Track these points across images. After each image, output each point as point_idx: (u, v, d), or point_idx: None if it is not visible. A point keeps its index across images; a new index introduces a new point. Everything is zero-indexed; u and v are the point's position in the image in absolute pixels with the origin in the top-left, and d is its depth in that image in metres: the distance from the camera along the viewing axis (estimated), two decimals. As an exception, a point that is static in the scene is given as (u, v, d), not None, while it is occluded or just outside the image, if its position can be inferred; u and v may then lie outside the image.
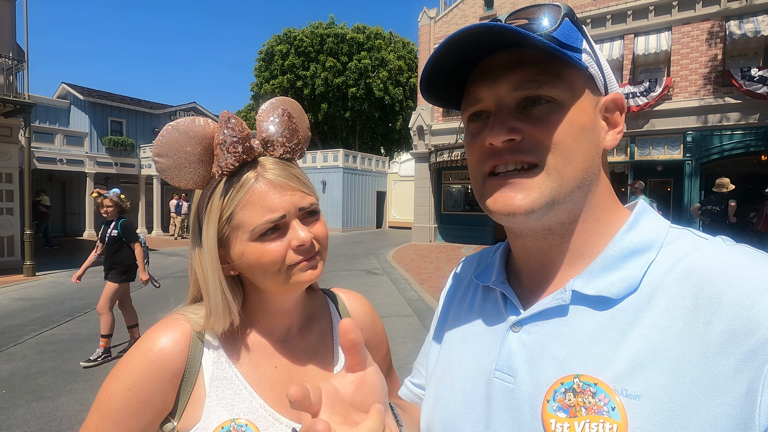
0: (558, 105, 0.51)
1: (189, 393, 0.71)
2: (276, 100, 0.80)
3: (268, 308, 0.79)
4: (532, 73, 0.51)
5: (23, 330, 5.84)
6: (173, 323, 0.74)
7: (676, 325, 0.44)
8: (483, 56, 0.55)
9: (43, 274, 9.84)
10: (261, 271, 0.71)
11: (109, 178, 20.19)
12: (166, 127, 0.70)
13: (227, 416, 0.70)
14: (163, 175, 0.71)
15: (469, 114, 0.57)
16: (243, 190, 0.69)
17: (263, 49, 30.20)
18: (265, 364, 0.77)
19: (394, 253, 13.59)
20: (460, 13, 16.07)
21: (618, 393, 0.44)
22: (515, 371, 0.53)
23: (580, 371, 0.48)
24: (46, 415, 3.56)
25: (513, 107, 0.52)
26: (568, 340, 0.50)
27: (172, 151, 0.70)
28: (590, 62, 0.54)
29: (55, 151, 17.41)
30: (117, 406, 0.68)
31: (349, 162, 22.68)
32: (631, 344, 0.46)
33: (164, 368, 0.70)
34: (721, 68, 11.74)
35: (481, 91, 0.54)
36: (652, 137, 12.72)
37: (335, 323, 0.89)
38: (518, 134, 0.51)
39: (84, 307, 7.01)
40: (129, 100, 21.60)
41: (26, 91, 10.24)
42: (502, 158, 0.52)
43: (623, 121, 0.58)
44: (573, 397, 0.47)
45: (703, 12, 11.93)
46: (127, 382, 0.68)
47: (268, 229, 0.69)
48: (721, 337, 0.41)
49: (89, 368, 4.44)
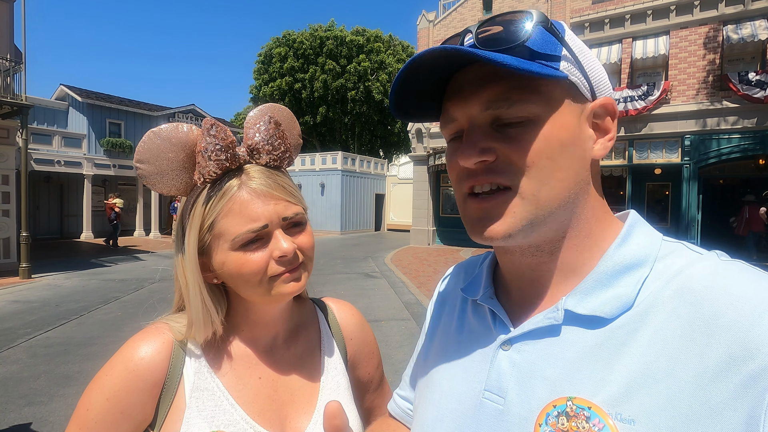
0: (533, 123, 0.48)
1: (169, 404, 0.69)
2: (265, 106, 0.79)
3: (252, 318, 0.78)
4: (503, 90, 0.48)
5: (17, 333, 5.79)
6: (155, 332, 0.72)
7: (672, 345, 0.43)
8: (457, 70, 0.53)
9: (39, 277, 9.79)
10: (242, 281, 0.70)
11: (107, 180, 20.16)
12: (148, 134, 0.69)
13: (207, 428, 0.68)
14: (145, 181, 0.70)
15: (448, 134, 0.56)
16: (225, 198, 0.68)
17: (262, 52, 30.31)
18: (248, 375, 0.75)
19: (392, 256, 13.58)
20: (458, 16, 16.13)
21: (612, 417, 0.43)
22: (505, 392, 0.51)
23: (573, 393, 0.46)
24: (38, 420, 3.52)
25: (487, 126, 0.50)
26: (560, 361, 0.48)
27: (154, 157, 0.69)
28: (570, 69, 0.50)
29: (53, 153, 17.35)
30: (95, 416, 0.66)
31: (347, 164, 22.70)
32: (626, 365, 0.44)
33: (144, 378, 0.68)
34: (718, 72, 11.80)
35: (454, 111, 0.52)
36: (651, 141, 12.76)
37: (324, 334, 0.87)
38: (491, 155, 0.49)
39: (79, 310, 6.96)
40: (128, 102, 21.58)
41: (24, 92, 10.21)
42: (477, 179, 0.50)
43: (615, 127, 0.54)
44: (566, 422, 0.45)
45: (700, 16, 12.00)
46: (106, 392, 0.67)
47: (250, 239, 0.68)
48: (718, 361, 0.39)
49: (82, 373, 4.39)
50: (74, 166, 17.86)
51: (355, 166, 23.33)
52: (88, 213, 18.30)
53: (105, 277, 10.01)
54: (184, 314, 0.75)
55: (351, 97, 28.48)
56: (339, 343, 0.88)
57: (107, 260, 12.48)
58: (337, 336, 0.88)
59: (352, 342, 0.90)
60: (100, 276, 10.10)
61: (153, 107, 22.43)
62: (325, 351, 0.85)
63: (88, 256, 13.52)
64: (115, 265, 11.76)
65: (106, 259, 12.62)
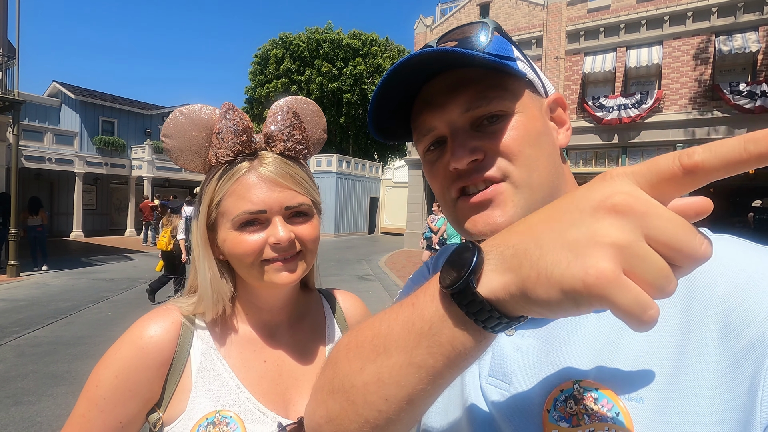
0: (509, 116, 0.52)
1: (176, 383, 0.71)
2: (290, 98, 0.82)
3: (257, 303, 0.80)
4: (479, 91, 0.52)
5: (4, 332, 5.68)
6: (164, 312, 0.74)
7: (672, 321, 0.43)
8: (419, 86, 0.55)
9: (28, 275, 9.65)
10: (236, 260, 0.73)
11: (99, 178, 19.96)
12: (175, 111, 0.74)
13: (212, 407, 0.70)
14: (169, 155, 0.75)
15: (425, 145, 0.57)
16: (233, 179, 0.71)
17: (258, 53, 30.26)
18: (253, 358, 0.78)
19: (386, 259, 13.57)
20: (456, 22, 16.23)
21: (621, 397, 0.43)
22: (510, 377, 0.51)
23: (580, 377, 0.46)
24: (25, 420, 3.45)
25: (468, 128, 0.53)
26: (565, 345, 0.49)
27: (177, 133, 0.73)
28: (526, 69, 0.55)
29: (44, 150, 17.14)
30: (104, 393, 0.68)
31: (342, 167, 22.67)
32: (629, 344, 0.44)
33: (152, 356, 0.70)
34: (710, 82, 11.98)
35: (431, 120, 0.54)
36: (643, 149, 12.90)
37: (328, 323, 0.90)
38: (480, 153, 0.51)
39: (68, 309, 6.87)
40: (121, 100, 21.41)
41: (16, 88, 10.09)
42: (470, 179, 0.52)
43: (568, 117, 0.60)
44: (574, 405, 0.45)
45: (693, 27, 12.19)
46: (115, 369, 0.69)
47: (246, 220, 0.70)
48: (717, 331, 0.40)
49: (71, 373, 4.35)
50: (65, 164, 17.65)
51: (349, 169, 23.31)
52: (79, 211, 18.07)
53: (95, 276, 9.88)
54: (194, 296, 0.78)
55: (347, 100, 28.49)
56: (343, 332, 0.90)
57: (97, 259, 12.33)
58: (341, 325, 0.91)
59: None
60: (90, 275, 9.97)
61: (147, 106, 22.29)
62: (329, 339, 0.88)
63: (78, 255, 13.35)
64: (106, 264, 11.62)
65: (96, 258, 12.48)
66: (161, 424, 0.70)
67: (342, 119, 29.36)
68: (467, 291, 0.34)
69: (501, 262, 0.33)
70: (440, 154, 0.55)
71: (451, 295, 0.35)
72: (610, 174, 0.30)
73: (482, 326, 0.35)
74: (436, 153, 0.56)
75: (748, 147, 0.25)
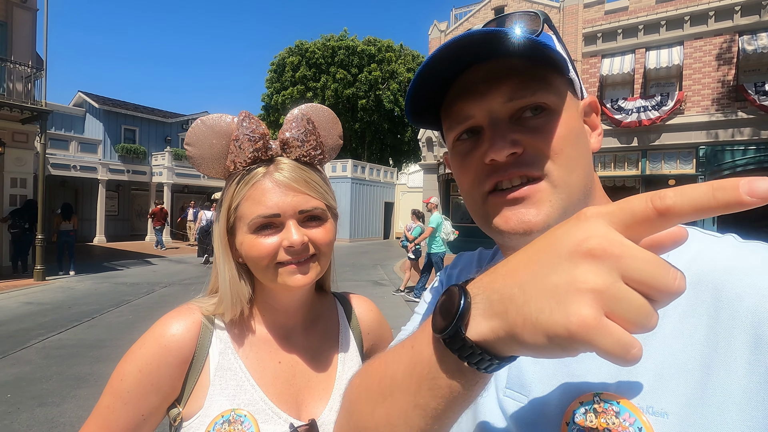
0: (552, 112, 0.50)
1: (195, 380, 0.74)
2: (306, 106, 0.83)
3: (273, 305, 0.82)
4: (523, 81, 0.49)
5: (30, 334, 5.86)
6: (186, 312, 0.78)
7: (699, 333, 0.42)
8: (456, 74, 0.52)
9: (53, 279, 9.94)
10: (252, 263, 0.75)
11: (121, 185, 20.48)
12: (197, 121, 0.77)
13: (228, 406, 0.72)
14: (192, 162, 0.78)
15: (457, 133, 0.54)
16: (250, 184, 0.74)
17: (275, 61, 30.70)
18: (268, 359, 0.80)
19: (402, 264, 13.52)
20: (470, 27, 16.17)
21: (644, 411, 0.41)
22: (528, 389, 0.50)
23: (600, 389, 0.44)
24: (49, 421, 3.54)
25: (507, 120, 0.50)
26: (584, 356, 0.47)
27: (199, 142, 0.76)
28: (570, 67, 0.54)
29: (69, 158, 17.69)
30: (128, 386, 0.71)
31: (357, 172, 22.77)
32: (652, 356, 0.43)
33: (174, 354, 0.73)
34: (734, 83, 11.65)
35: (469, 108, 0.52)
36: (664, 152, 12.61)
37: (342, 326, 0.91)
38: (519, 147, 0.49)
39: (91, 312, 7.04)
40: (142, 108, 21.98)
41: (44, 98, 10.45)
42: (506, 173, 0.50)
43: (600, 122, 0.58)
44: (595, 418, 0.43)
45: (715, 27, 11.89)
46: (139, 364, 0.72)
47: (261, 224, 0.73)
48: (747, 344, 0.39)
49: (93, 375, 4.45)
50: (89, 171, 18.18)
51: (364, 174, 23.39)
52: (102, 217, 18.55)
53: (117, 280, 10.12)
54: (215, 296, 0.81)
55: (361, 106, 28.65)
56: (356, 336, 0.91)
57: (119, 264, 12.63)
58: (355, 330, 0.92)
59: (369, 336, 0.93)
60: (112, 279, 10.21)
61: (167, 114, 22.81)
62: (343, 343, 0.89)
63: (101, 259, 13.69)
64: (127, 269, 11.89)
65: (118, 263, 12.78)
66: (180, 419, 0.73)
67: (357, 125, 29.52)
68: (457, 337, 0.35)
69: (488, 307, 0.34)
70: (473, 145, 0.53)
71: (443, 340, 0.36)
72: (585, 215, 0.31)
73: (476, 368, 0.35)
74: (468, 144, 0.53)
75: (717, 195, 0.25)
